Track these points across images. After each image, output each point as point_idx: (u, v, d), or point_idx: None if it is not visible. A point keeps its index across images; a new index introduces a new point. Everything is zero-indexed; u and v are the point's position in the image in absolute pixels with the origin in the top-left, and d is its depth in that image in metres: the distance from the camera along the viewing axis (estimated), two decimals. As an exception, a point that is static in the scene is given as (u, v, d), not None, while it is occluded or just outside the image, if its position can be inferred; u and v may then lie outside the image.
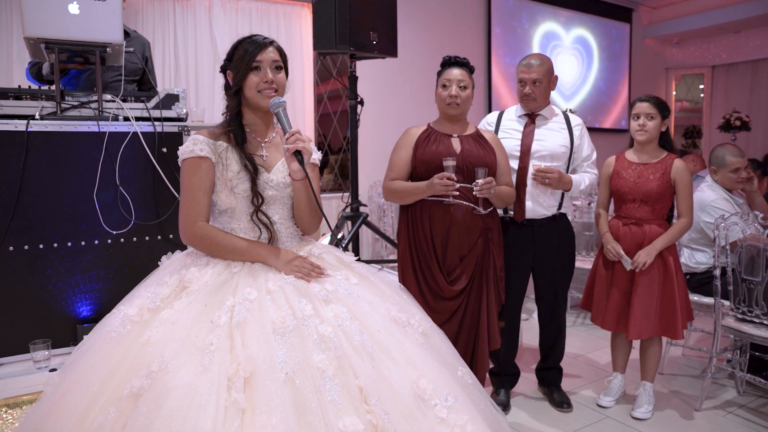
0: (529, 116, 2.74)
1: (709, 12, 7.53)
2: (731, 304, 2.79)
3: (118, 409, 1.28)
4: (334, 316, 1.48)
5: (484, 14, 6.45)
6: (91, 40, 2.25)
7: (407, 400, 1.37)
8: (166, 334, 1.39)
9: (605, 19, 7.66)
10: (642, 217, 2.70)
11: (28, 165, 2.14)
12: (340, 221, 3.43)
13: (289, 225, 1.74)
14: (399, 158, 2.48)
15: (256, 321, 1.42)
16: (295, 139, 1.56)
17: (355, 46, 3.15)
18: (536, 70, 2.65)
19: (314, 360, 1.36)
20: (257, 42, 1.66)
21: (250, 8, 5.01)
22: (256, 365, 1.32)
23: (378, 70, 5.42)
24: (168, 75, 4.67)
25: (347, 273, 1.70)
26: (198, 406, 1.24)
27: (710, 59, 8.45)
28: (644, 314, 2.63)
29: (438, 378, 1.46)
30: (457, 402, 1.43)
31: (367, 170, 5.43)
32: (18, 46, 3.97)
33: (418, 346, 1.54)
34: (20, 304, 2.17)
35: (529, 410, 2.85)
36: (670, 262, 2.65)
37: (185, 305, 1.47)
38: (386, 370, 1.41)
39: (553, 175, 2.57)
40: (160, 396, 1.25)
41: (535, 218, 2.71)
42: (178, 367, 1.30)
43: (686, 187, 2.66)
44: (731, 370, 3.01)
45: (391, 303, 1.65)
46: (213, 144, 1.65)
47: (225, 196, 1.65)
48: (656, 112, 2.66)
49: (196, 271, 1.58)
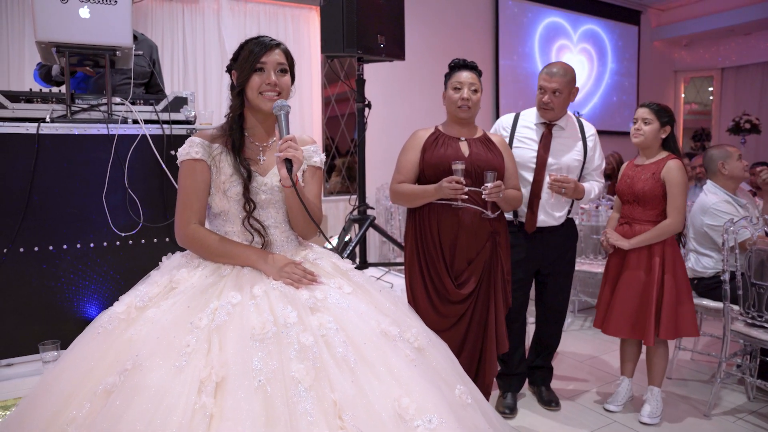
0: (546, 126, 2.74)
1: (719, 14, 7.49)
2: (740, 308, 2.77)
3: (91, 404, 1.27)
4: (319, 326, 1.43)
5: (492, 17, 6.45)
6: (101, 44, 2.27)
7: (385, 419, 1.30)
8: (146, 333, 1.38)
9: (614, 22, 7.64)
10: (635, 218, 2.72)
11: (38, 167, 2.16)
12: (347, 224, 3.44)
13: (285, 229, 1.70)
14: (407, 161, 2.48)
15: (236, 325, 1.38)
16: (287, 146, 1.53)
17: (362, 50, 3.16)
18: (557, 80, 2.61)
19: (291, 369, 1.31)
20: (263, 43, 1.64)
21: (258, 11, 5.04)
22: (229, 370, 1.28)
23: (386, 73, 5.43)
24: (177, 77, 4.71)
25: (341, 281, 1.64)
26: (167, 407, 1.21)
27: (720, 61, 8.40)
28: (621, 313, 2.67)
29: (423, 397, 1.37)
30: (443, 424, 1.33)
31: (374, 173, 5.44)
32: (30, 51, 4.01)
33: (406, 362, 1.46)
34: (30, 304, 2.18)
35: (537, 413, 2.84)
36: (656, 266, 2.63)
37: (170, 305, 1.46)
38: (367, 385, 1.34)
39: (569, 185, 2.57)
40: (130, 394, 1.24)
41: (545, 226, 2.72)
42: (151, 367, 1.28)
43: (675, 186, 2.62)
44: (741, 376, 2.99)
45: (384, 315, 1.59)
46: (209, 146, 1.64)
47: (218, 199, 1.63)
48: (653, 117, 2.68)
49: (186, 272, 1.57)
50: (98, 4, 2.23)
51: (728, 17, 7.40)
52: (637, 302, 2.65)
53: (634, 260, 2.68)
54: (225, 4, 4.84)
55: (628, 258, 2.70)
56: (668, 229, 2.65)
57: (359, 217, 3.47)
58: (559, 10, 7.03)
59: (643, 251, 2.67)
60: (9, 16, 4.05)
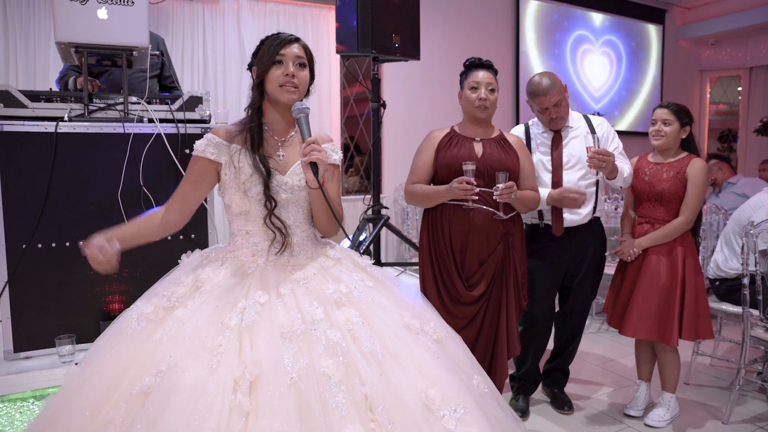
0: (555, 131, 2.71)
1: (747, 12, 7.29)
2: (760, 313, 2.70)
3: (128, 405, 1.31)
4: (345, 320, 1.48)
5: (512, 17, 6.39)
6: (119, 44, 2.31)
7: (414, 410, 1.35)
8: (177, 334, 1.41)
9: (637, 21, 7.50)
10: (656, 217, 2.65)
11: (56, 165, 2.21)
12: (361, 223, 3.44)
13: (306, 228, 1.72)
14: (421, 161, 2.48)
15: (265, 325, 1.43)
16: (311, 149, 1.54)
17: (377, 49, 3.16)
18: (554, 94, 2.56)
19: (321, 365, 1.35)
20: (282, 38, 1.65)
21: (277, 11, 5.07)
22: (262, 369, 1.32)
23: (406, 73, 5.42)
24: (196, 77, 4.76)
25: (363, 276, 1.69)
26: (203, 406, 1.25)
27: (748, 60, 8.19)
28: (641, 314, 2.59)
29: (448, 388, 1.43)
30: (467, 413, 1.40)
31: (392, 172, 5.44)
32: (55, 53, 4.09)
33: (429, 354, 1.51)
34: (47, 299, 2.23)
35: (549, 417, 2.81)
36: (678, 265, 2.58)
37: (198, 305, 1.49)
38: (394, 378, 1.39)
39: (610, 159, 2.45)
40: (167, 395, 1.27)
41: (571, 226, 2.67)
42: (186, 367, 1.32)
43: (697, 185, 2.57)
44: (761, 383, 2.91)
45: (405, 309, 1.63)
46: (227, 147, 1.65)
47: (239, 200, 1.64)
48: (673, 118, 2.62)
49: (210, 271, 1.59)
50: (116, 5, 2.26)
51: (757, 15, 7.20)
52: (659, 302, 2.57)
53: (654, 259, 2.61)
54: (245, 3, 4.88)
55: (648, 257, 2.63)
56: (680, 228, 2.59)
57: (373, 216, 3.47)
58: (583, 9, 6.92)
59: (663, 249, 2.61)
60: (36, 19, 4.15)
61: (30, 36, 4.14)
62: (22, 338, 2.21)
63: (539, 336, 2.77)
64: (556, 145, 2.67)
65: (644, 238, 2.63)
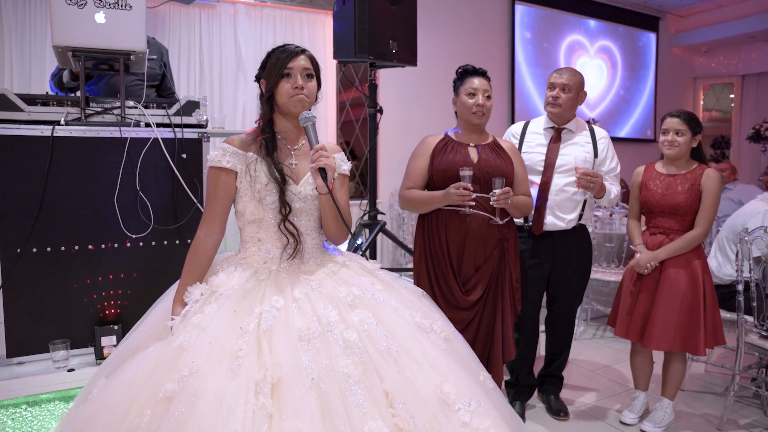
0: (555, 129, 2.72)
1: (739, 21, 7.37)
2: (755, 320, 2.71)
3: (153, 411, 1.33)
4: (360, 321, 1.53)
5: (508, 23, 6.42)
6: (116, 48, 2.30)
7: (432, 405, 1.41)
8: (197, 339, 1.44)
9: (631, 28, 7.56)
10: (671, 228, 2.64)
11: (52, 169, 2.20)
12: (357, 229, 3.44)
13: (315, 236, 1.77)
14: (415, 167, 2.48)
15: (283, 328, 1.47)
16: (319, 156, 1.57)
17: (374, 55, 3.16)
18: (567, 78, 2.65)
19: (339, 365, 1.40)
20: (289, 50, 1.69)
21: (274, 16, 5.08)
22: (283, 371, 1.36)
23: (403, 79, 5.44)
24: (193, 82, 4.75)
25: (372, 279, 1.74)
26: (227, 410, 1.28)
27: (740, 68, 8.27)
28: (664, 325, 2.55)
29: (461, 383, 1.49)
30: (480, 406, 1.46)
31: (389, 178, 5.44)
32: (52, 57, 4.08)
33: (441, 351, 1.57)
34: (42, 304, 2.22)
35: (545, 423, 2.81)
36: (698, 274, 2.57)
37: (215, 310, 1.52)
38: (411, 374, 1.45)
39: (597, 180, 2.49)
40: (190, 400, 1.30)
41: (555, 230, 2.68)
42: (208, 372, 1.35)
43: (712, 197, 2.57)
44: (756, 390, 2.93)
45: (415, 309, 1.69)
46: (243, 155, 1.69)
47: (253, 207, 1.68)
48: (686, 128, 2.60)
49: (224, 276, 1.64)
50: (114, 9, 2.26)
51: (749, 24, 7.28)
52: (681, 313, 2.54)
53: (673, 272, 2.59)
54: (242, 8, 4.88)
55: (666, 270, 2.60)
56: (697, 239, 2.59)
57: (369, 222, 3.47)
58: (577, 17, 6.97)
59: (680, 261, 2.59)
60: (32, 22, 4.13)
61: (25, 39, 4.13)
62: (15, 343, 2.19)
63: (527, 339, 2.78)
64: (553, 146, 2.68)
65: (661, 251, 2.60)
